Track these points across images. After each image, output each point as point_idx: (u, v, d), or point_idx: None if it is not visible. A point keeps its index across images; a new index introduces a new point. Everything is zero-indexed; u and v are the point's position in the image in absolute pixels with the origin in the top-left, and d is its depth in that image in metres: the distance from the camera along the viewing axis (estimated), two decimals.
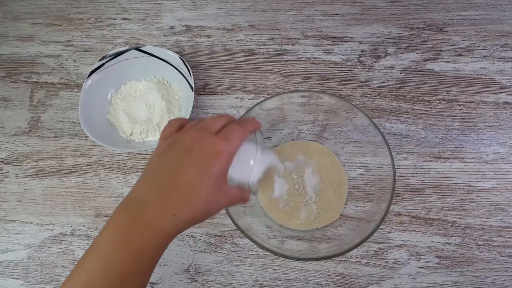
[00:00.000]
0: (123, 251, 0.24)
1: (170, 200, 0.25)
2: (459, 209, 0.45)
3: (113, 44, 0.56)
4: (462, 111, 0.50)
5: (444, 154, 0.48)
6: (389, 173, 0.38)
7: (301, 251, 0.40)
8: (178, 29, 0.56)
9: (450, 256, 0.43)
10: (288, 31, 0.54)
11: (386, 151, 0.39)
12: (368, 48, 0.53)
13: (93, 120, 0.48)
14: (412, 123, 0.49)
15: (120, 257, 0.24)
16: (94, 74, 0.49)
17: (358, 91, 0.51)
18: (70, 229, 0.47)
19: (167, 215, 0.25)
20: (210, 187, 0.25)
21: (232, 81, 0.52)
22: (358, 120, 0.42)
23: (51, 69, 0.55)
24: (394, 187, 0.37)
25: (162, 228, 0.25)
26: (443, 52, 0.52)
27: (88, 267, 0.24)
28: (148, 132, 0.49)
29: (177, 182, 0.25)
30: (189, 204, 0.25)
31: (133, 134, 0.49)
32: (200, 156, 0.25)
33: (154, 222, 0.24)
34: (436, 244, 0.43)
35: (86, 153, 0.51)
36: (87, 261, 0.24)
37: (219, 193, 0.26)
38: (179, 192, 0.25)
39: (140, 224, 0.24)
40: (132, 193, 0.26)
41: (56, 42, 0.57)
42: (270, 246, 0.37)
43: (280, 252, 0.36)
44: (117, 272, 0.23)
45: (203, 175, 0.25)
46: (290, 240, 0.42)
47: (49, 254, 0.46)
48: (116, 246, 0.24)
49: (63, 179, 0.49)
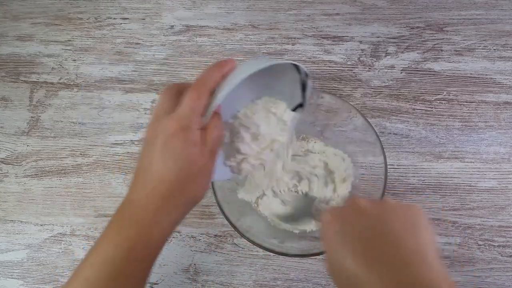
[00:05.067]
0: (115, 246, 0.26)
1: (143, 186, 0.26)
2: (459, 209, 0.45)
3: (113, 44, 0.56)
4: (463, 111, 0.50)
5: (444, 154, 0.47)
6: (382, 172, 0.38)
7: (301, 248, 0.40)
8: (178, 29, 0.55)
9: (451, 256, 0.43)
10: (288, 30, 0.54)
11: (379, 150, 0.39)
12: (369, 48, 0.53)
13: None
14: (412, 123, 0.49)
15: (112, 251, 0.25)
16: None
17: (359, 90, 0.51)
18: (70, 229, 0.47)
19: (142, 196, 0.26)
20: (168, 156, 0.26)
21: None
22: (358, 120, 0.42)
23: (51, 69, 0.55)
24: (385, 185, 0.38)
25: (146, 215, 0.26)
26: (444, 52, 0.52)
27: (87, 263, 0.26)
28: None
29: (146, 168, 0.27)
30: (151, 179, 0.26)
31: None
32: (160, 142, 0.26)
33: (140, 215, 0.26)
34: (437, 244, 0.43)
35: (86, 153, 0.50)
36: (87, 257, 0.26)
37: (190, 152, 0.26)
38: (147, 176, 0.26)
39: (127, 221, 0.26)
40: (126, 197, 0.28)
41: (55, 41, 0.56)
42: (270, 245, 0.37)
43: (279, 250, 0.36)
44: (110, 264, 0.25)
45: (163, 156, 0.26)
46: (290, 239, 0.42)
47: (49, 254, 0.46)
48: (108, 241, 0.26)
49: (63, 179, 0.49)
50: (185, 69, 0.53)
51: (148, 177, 0.26)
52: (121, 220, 0.27)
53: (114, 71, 0.54)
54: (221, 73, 0.27)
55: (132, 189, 0.27)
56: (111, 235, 0.27)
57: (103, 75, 0.54)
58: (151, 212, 0.26)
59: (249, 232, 0.38)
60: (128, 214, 0.27)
